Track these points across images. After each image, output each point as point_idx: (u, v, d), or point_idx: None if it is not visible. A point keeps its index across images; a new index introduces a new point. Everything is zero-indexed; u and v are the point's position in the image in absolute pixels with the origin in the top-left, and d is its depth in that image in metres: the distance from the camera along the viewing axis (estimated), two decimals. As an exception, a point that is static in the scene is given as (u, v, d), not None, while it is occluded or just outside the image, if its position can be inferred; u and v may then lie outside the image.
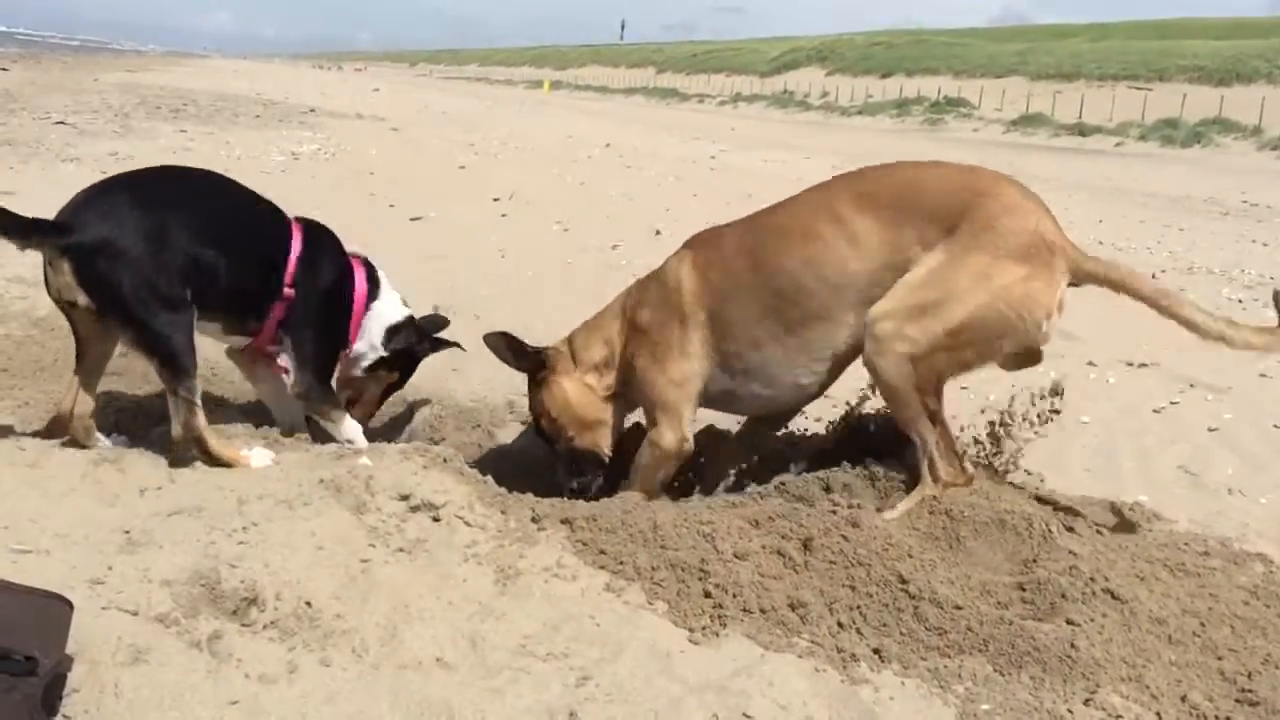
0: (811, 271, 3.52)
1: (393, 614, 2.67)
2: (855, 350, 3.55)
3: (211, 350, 4.05)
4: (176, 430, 3.36)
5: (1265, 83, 51.01)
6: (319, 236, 3.93)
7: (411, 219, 9.69)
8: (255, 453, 3.49)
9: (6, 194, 8.62)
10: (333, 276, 3.89)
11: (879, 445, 3.70)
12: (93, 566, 2.68)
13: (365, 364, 4.09)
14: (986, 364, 3.45)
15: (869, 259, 3.46)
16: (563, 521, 3.26)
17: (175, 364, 3.32)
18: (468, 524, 3.25)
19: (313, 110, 24.17)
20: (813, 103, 67.92)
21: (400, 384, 4.26)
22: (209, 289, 3.44)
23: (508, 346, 3.92)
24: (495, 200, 11.53)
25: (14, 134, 12.97)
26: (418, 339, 4.15)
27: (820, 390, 3.79)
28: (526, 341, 3.97)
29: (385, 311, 4.07)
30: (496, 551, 3.06)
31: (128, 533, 2.90)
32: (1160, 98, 49.63)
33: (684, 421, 3.77)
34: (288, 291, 3.72)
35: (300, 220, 3.92)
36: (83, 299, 3.24)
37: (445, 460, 3.53)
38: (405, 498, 3.29)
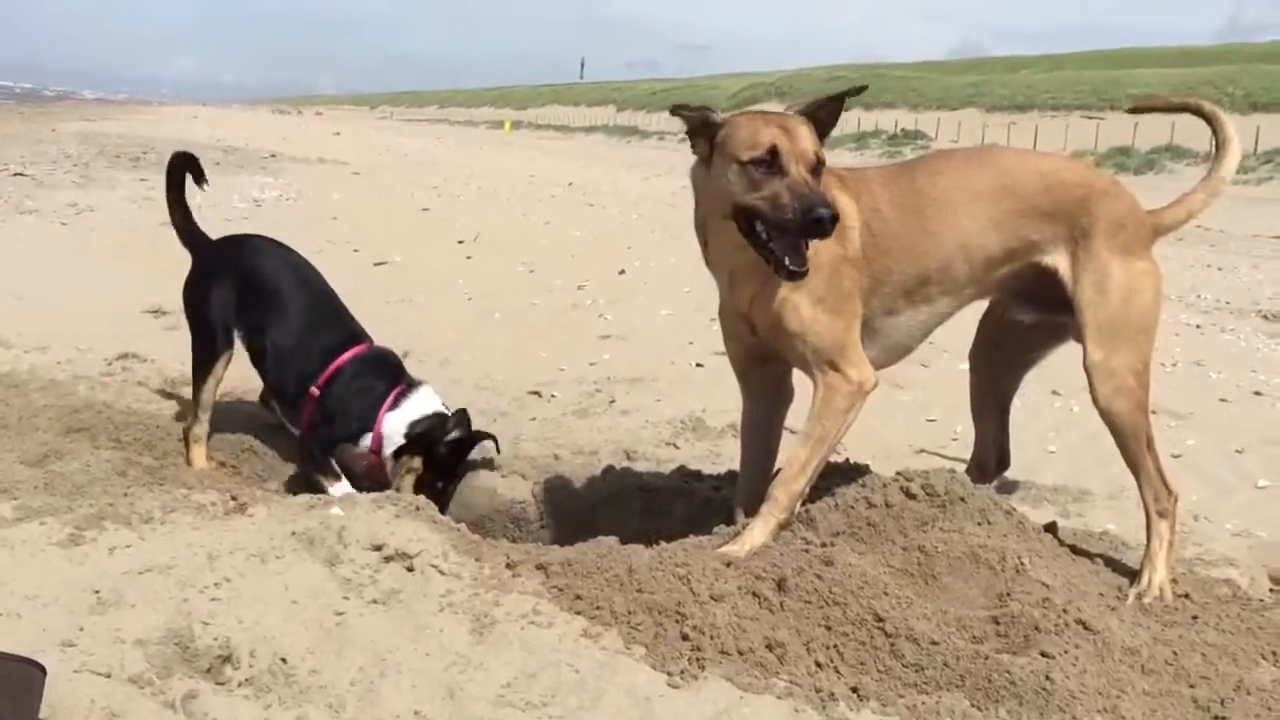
0: (958, 247, 3.55)
1: (369, 667, 2.65)
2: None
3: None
4: None
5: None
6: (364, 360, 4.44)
7: (376, 264, 9.67)
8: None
9: (-35, 248, 8.56)
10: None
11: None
12: (63, 628, 2.65)
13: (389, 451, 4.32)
14: None
15: (999, 245, 3.55)
16: (538, 567, 3.25)
17: None
18: (442, 573, 3.24)
19: (273, 156, 24.12)
20: (773, 138, 68.43)
21: (436, 473, 4.30)
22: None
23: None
24: (460, 243, 11.54)
25: (-29, 186, 12.88)
26: (440, 432, 4.27)
27: None
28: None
29: (406, 415, 4.34)
30: (472, 600, 3.04)
31: (98, 592, 2.86)
32: (1112, 126, 50.47)
33: (864, 359, 3.50)
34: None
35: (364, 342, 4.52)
36: None
37: (418, 509, 3.51)
38: (379, 548, 3.26)
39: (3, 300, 6.55)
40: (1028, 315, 3.76)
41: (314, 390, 4.21)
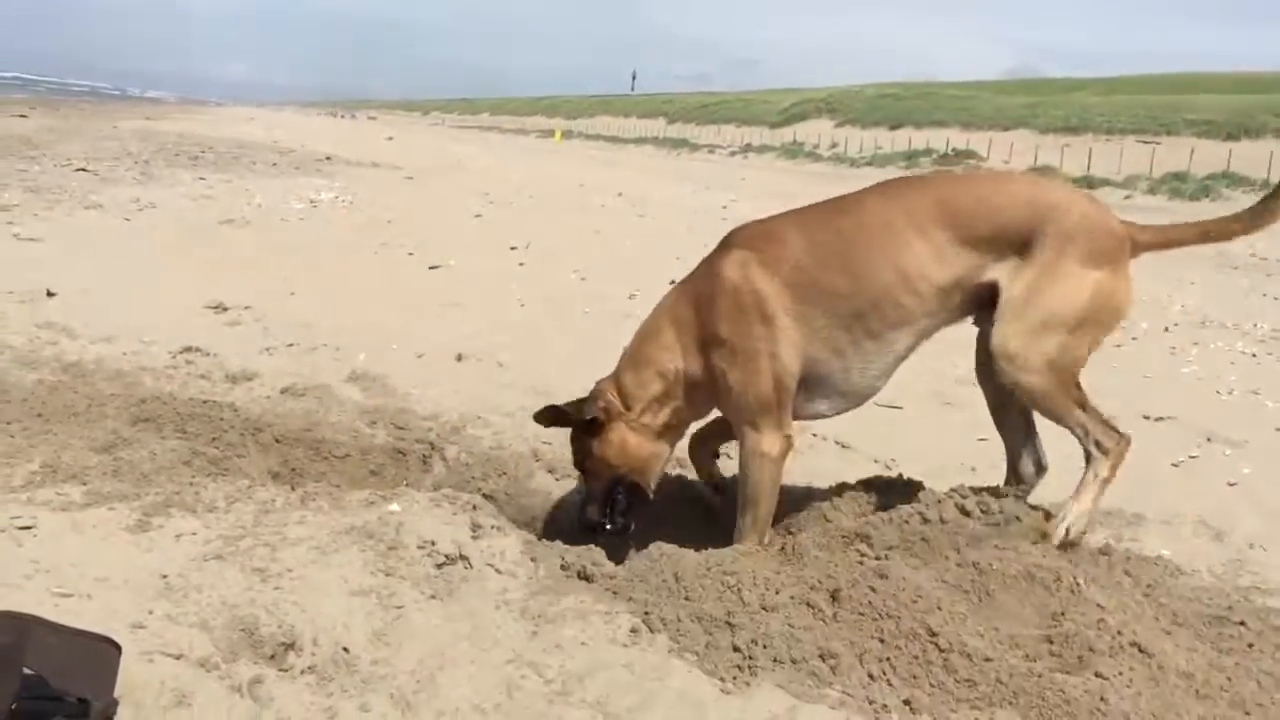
0: (896, 276, 3.56)
1: (428, 660, 2.70)
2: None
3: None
4: None
5: (1273, 137, 51.20)
6: None
7: (430, 267, 9.78)
8: None
9: (33, 240, 8.75)
10: None
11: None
12: (133, 611, 2.72)
13: None
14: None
15: (950, 271, 3.56)
16: (591, 570, 3.29)
17: None
18: (499, 571, 3.29)
19: (328, 158, 24.42)
20: (822, 154, 68.32)
21: None
22: None
23: (559, 417, 3.91)
24: (512, 249, 11.63)
25: (36, 181, 13.13)
26: None
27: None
28: (564, 404, 3.93)
29: None
30: (528, 600, 3.09)
31: (165, 577, 2.94)
32: (1168, 151, 49.86)
33: (785, 421, 3.70)
34: None
35: None
36: None
37: (474, 508, 3.57)
38: (435, 545, 3.33)
39: (69, 292, 6.69)
40: (988, 324, 3.70)
41: None
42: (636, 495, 3.94)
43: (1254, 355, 8.87)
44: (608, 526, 3.91)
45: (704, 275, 3.81)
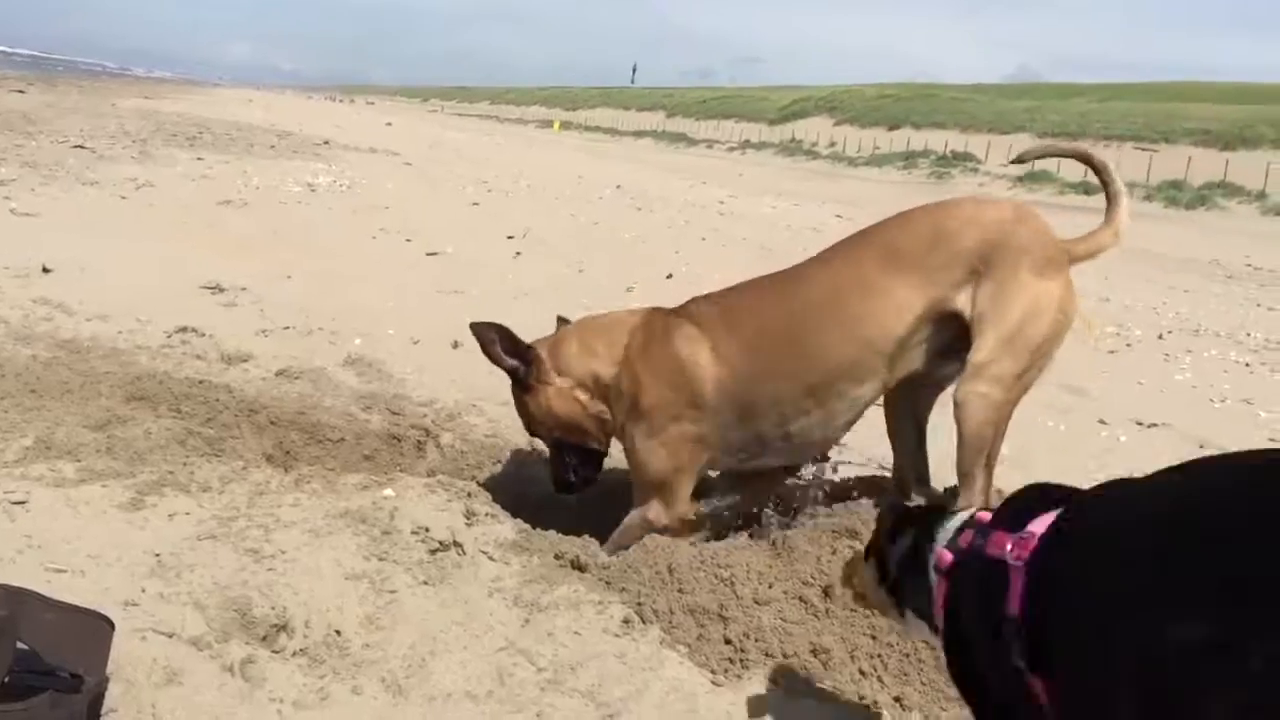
0: (856, 343, 3.48)
1: (420, 645, 2.70)
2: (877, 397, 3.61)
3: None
4: None
5: (1270, 148, 51.44)
6: None
7: (428, 254, 9.76)
8: None
9: (29, 215, 8.72)
10: None
11: None
12: (125, 589, 2.72)
13: None
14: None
15: (910, 317, 3.45)
16: (585, 560, 3.30)
17: None
18: (492, 559, 3.29)
19: (327, 143, 24.35)
20: (820, 152, 68.42)
21: None
22: None
23: (498, 340, 3.79)
24: (510, 238, 11.61)
25: (34, 156, 13.07)
26: None
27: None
28: (500, 339, 3.80)
29: None
30: (521, 588, 3.09)
31: (158, 556, 2.94)
32: (1165, 160, 50.05)
33: (683, 500, 3.65)
34: None
35: None
36: None
37: (469, 495, 3.57)
38: (429, 531, 3.33)
39: (66, 269, 6.66)
40: (946, 368, 3.58)
41: None
42: (587, 454, 3.90)
43: (1247, 364, 8.91)
44: (571, 480, 3.89)
45: (663, 329, 3.70)
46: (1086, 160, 3.95)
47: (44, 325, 5.38)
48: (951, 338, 3.50)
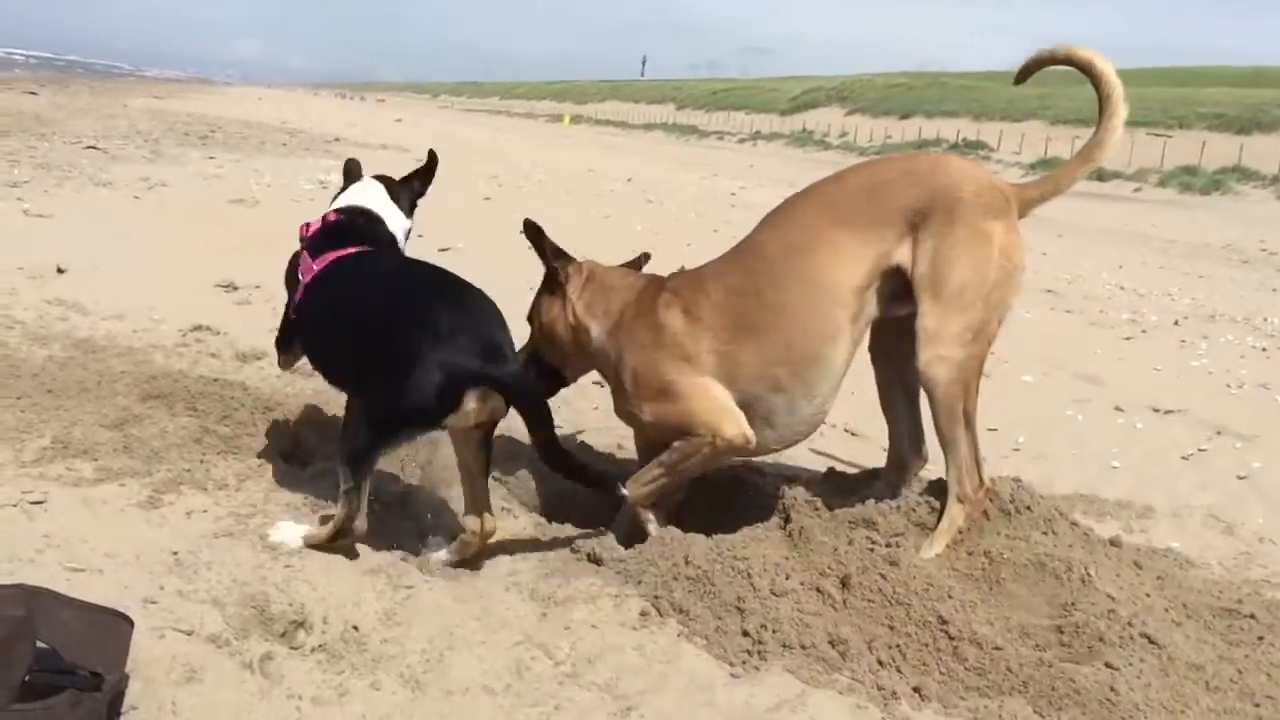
0: (814, 295, 3.50)
1: (438, 640, 2.70)
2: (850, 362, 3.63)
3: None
4: None
5: (1285, 131, 51.08)
6: None
7: (440, 249, 9.75)
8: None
9: (43, 216, 8.75)
10: None
11: None
12: (144, 586, 2.73)
13: None
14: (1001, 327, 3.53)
15: (861, 268, 3.47)
16: (601, 553, 3.30)
17: None
18: (508, 554, 3.30)
19: (338, 139, 24.34)
20: (831, 142, 68.22)
21: None
22: None
23: (542, 241, 3.96)
24: (522, 233, 11.60)
25: (47, 158, 13.10)
26: None
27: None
28: (552, 244, 3.98)
29: None
30: (538, 582, 3.10)
31: (176, 554, 2.95)
32: (1179, 145, 49.77)
33: (740, 416, 3.59)
34: None
35: None
36: None
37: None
38: (445, 525, 3.33)
39: (80, 269, 6.68)
40: (901, 310, 3.57)
41: None
42: (552, 372, 4.04)
43: (1264, 350, 8.85)
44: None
45: (651, 298, 3.78)
46: (1069, 61, 3.96)
47: (59, 325, 5.39)
48: (902, 286, 3.52)
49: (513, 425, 4.97)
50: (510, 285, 4.06)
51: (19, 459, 3.47)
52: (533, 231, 3.92)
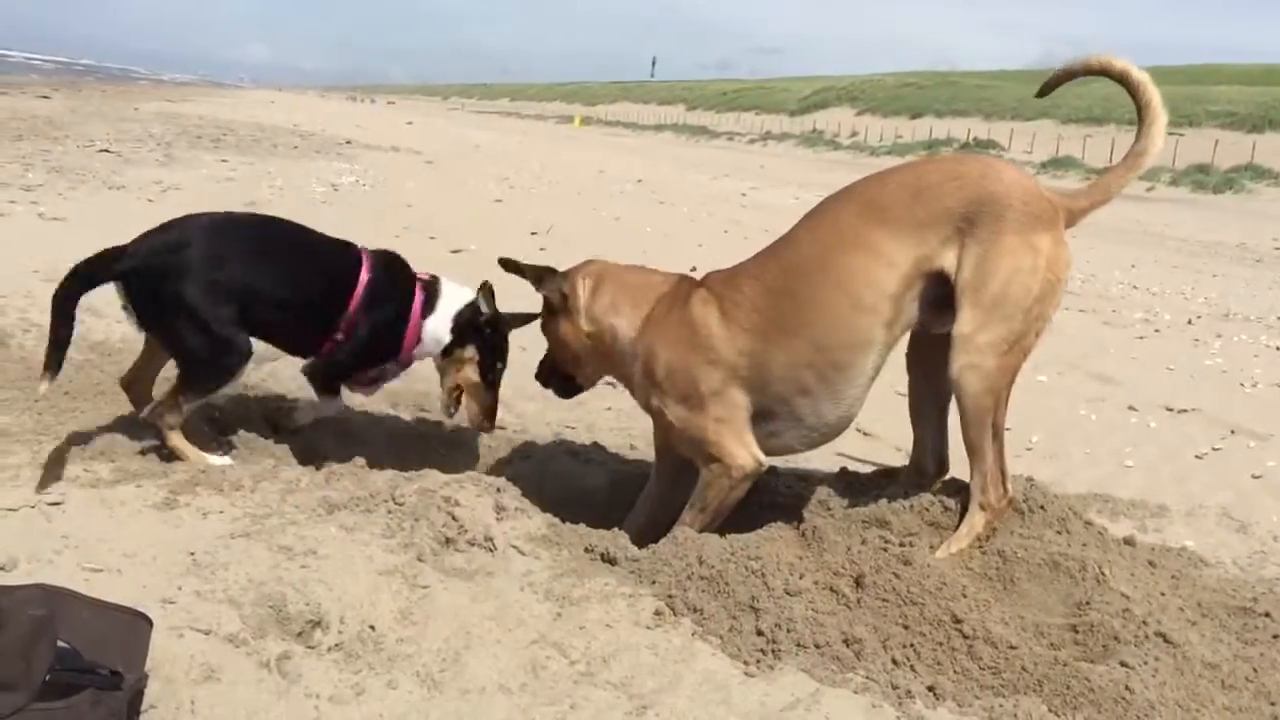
0: (848, 299, 3.45)
1: (454, 640, 2.71)
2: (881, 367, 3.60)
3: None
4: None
5: (1298, 129, 50.86)
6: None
7: (452, 251, 9.79)
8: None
9: (58, 220, 8.80)
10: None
11: None
12: (162, 587, 2.75)
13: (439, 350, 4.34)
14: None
15: (898, 273, 3.42)
16: (615, 553, 3.30)
17: None
18: (522, 554, 3.31)
19: (349, 142, 24.43)
20: (842, 142, 68.11)
21: (488, 363, 4.35)
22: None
23: (523, 270, 3.97)
24: (533, 234, 11.63)
25: (60, 161, 13.17)
26: (481, 317, 4.31)
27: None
28: (530, 265, 4.00)
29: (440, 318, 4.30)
30: (552, 582, 3.10)
31: (193, 554, 2.96)
32: (1192, 143, 49.50)
33: (750, 441, 3.63)
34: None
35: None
36: None
37: (499, 490, 3.58)
38: (461, 527, 3.34)
39: (94, 272, 6.70)
40: (944, 326, 3.51)
41: None
42: (568, 380, 4.18)
43: (1278, 349, 8.82)
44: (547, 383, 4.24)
45: (684, 296, 3.78)
46: (1105, 72, 3.86)
47: (75, 328, 5.40)
48: (946, 293, 3.46)
49: (525, 424, 5.04)
50: (522, 287, 4.05)
51: (37, 460, 3.49)
52: (512, 267, 3.95)
